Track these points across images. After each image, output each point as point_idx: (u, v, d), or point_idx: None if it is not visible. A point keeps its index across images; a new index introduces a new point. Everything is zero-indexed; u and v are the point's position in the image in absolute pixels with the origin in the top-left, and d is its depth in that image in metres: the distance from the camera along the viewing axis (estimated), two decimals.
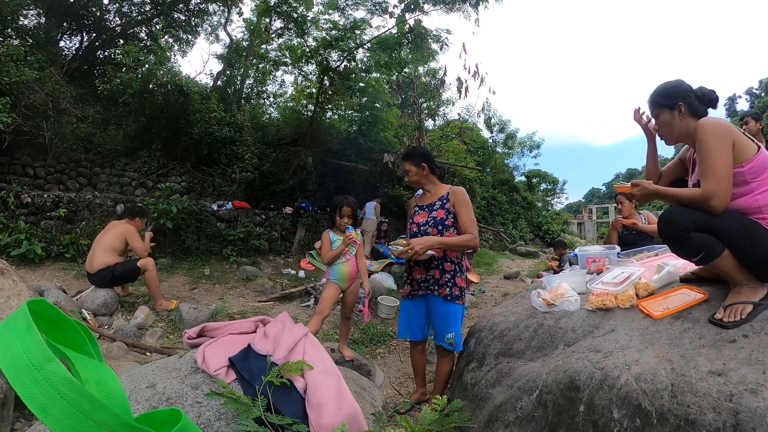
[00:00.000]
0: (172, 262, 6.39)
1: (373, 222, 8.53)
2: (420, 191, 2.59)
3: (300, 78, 10.90)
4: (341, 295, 3.01)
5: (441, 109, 15.48)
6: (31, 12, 9.19)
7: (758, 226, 1.45)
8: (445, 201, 2.40)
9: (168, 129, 8.58)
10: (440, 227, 2.34)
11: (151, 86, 8.06)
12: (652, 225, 3.62)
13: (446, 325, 2.36)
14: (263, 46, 10.71)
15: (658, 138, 1.88)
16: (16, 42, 7.98)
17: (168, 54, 9.73)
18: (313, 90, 9.60)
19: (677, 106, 1.65)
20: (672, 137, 1.73)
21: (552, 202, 23.37)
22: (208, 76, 12.66)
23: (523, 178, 21.40)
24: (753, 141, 1.52)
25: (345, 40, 8.30)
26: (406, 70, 11.02)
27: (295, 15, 8.05)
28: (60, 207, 6.26)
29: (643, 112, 1.96)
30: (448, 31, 8.72)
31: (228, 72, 11.84)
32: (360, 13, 8.68)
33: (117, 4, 10.80)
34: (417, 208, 2.50)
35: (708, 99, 1.66)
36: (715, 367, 1.22)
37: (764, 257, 1.43)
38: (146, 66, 8.02)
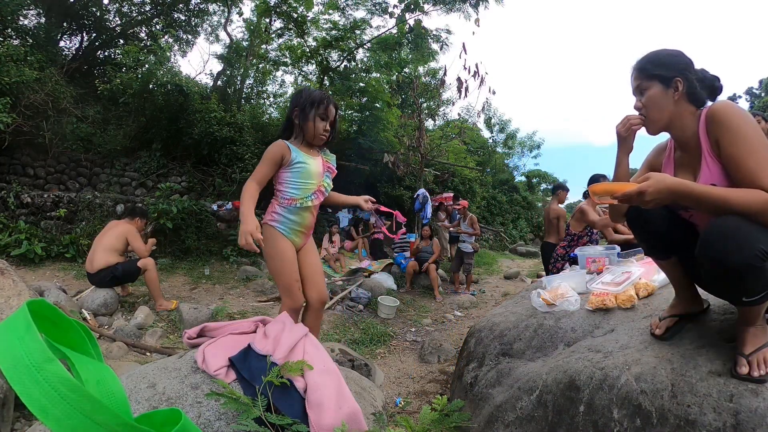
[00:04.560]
0: (172, 262, 6.39)
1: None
2: None
3: (300, 78, 10.91)
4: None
5: (441, 109, 15.48)
6: (31, 12, 9.18)
7: None
8: None
9: (168, 129, 8.58)
10: None
11: (151, 86, 8.07)
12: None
13: None
14: (263, 46, 10.72)
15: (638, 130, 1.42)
16: (16, 42, 7.98)
17: (168, 54, 9.74)
18: None
19: (673, 81, 1.27)
20: (659, 123, 1.31)
21: None
22: (208, 76, 12.66)
23: (523, 178, 21.42)
24: None
25: (345, 40, 8.32)
26: (406, 70, 11.03)
27: (295, 15, 8.07)
28: (60, 207, 6.26)
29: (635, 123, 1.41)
30: (448, 31, 8.75)
31: (228, 72, 11.85)
32: (360, 13, 8.71)
33: (117, 4, 10.80)
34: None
35: (710, 85, 1.30)
36: (715, 367, 1.22)
37: None
38: (146, 66, 8.03)
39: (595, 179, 4.08)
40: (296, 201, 1.85)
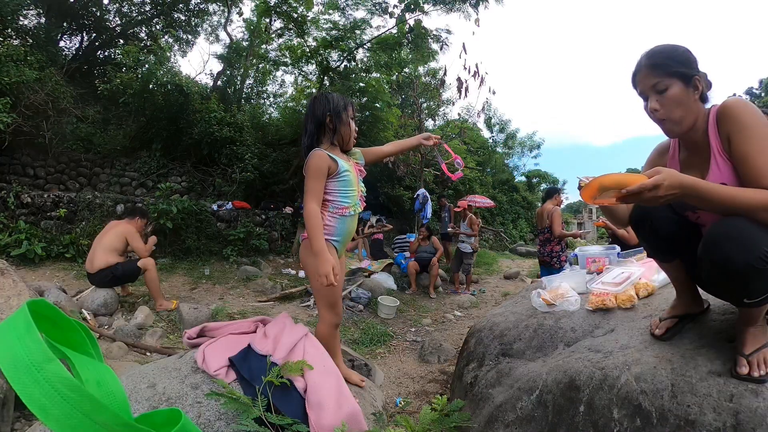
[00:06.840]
0: (172, 262, 6.39)
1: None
2: None
3: (300, 78, 10.91)
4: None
5: (441, 109, 15.48)
6: (31, 12, 9.19)
7: None
8: None
9: (168, 129, 8.59)
10: None
11: (151, 86, 8.08)
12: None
13: None
14: (263, 46, 10.71)
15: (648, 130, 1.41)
16: (16, 42, 7.98)
17: (168, 54, 9.75)
18: (313, 90, 9.60)
19: (693, 80, 1.18)
20: (684, 124, 1.21)
21: None
22: (208, 76, 12.67)
23: (523, 178, 21.43)
24: None
25: (345, 40, 8.31)
26: (406, 70, 11.03)
27: (295, 15, 8.07)
28: (60, 207, 6.26)
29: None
30: (448, 31, 8.74)
31: (228, 72, 11.85)
32: (360, 13, 8.70)
33: (117, 4, 10.81)
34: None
35: (707, 83, 1.24)
36: (715, 367, 1.22)
37: None
38: (146, 66, 8.03)
39: (550, 192, 4.61)
40: (348, 209, 1.75)
